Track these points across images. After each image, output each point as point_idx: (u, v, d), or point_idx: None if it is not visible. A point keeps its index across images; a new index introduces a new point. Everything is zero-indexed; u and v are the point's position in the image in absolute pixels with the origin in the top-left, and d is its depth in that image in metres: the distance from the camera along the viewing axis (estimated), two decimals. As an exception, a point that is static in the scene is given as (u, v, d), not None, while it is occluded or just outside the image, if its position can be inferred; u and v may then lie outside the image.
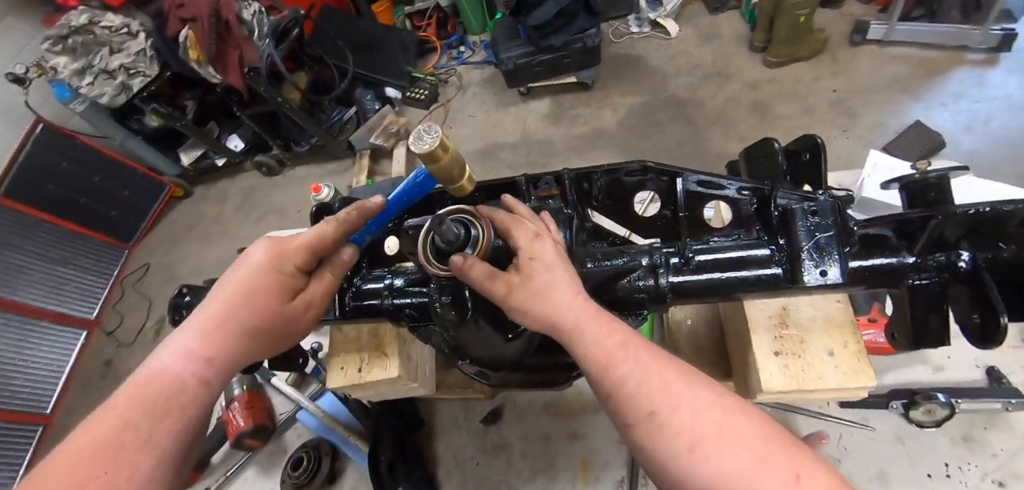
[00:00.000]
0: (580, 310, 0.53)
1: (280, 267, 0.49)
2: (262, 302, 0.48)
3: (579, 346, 0.51)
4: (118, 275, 3.41)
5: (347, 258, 0.56)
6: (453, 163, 0.53)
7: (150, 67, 2.73)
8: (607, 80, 3.33)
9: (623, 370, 0.48)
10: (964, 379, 0.90)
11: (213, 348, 0.46)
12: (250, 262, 0.49)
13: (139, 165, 3.48)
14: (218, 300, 0.48)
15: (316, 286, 0.53)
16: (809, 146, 0.73)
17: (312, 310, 0.53)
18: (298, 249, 0.51)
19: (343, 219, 0.54)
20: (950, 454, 0.85)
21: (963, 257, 0.64)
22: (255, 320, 0.48)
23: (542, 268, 0.54)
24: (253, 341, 0.49)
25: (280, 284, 0.49)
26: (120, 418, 0.41)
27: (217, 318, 0.47)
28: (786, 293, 0.69)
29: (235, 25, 2.54)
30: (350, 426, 1.19)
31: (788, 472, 0.39)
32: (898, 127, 2.53)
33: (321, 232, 0.53)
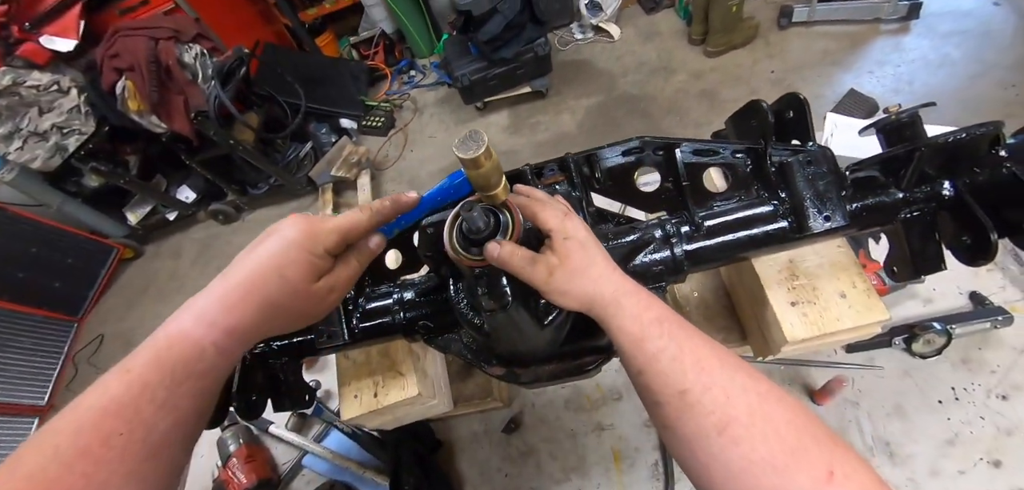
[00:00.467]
0: (618, 284, 0.52)
1: (312, 246, 0.49)
2: (290, 277, 0.47)
3: (616, 320, 0.51)
4: (69, 352, 3.12)
5: (375, 246, 0.56)
6: (493, 171, 0.53)
7: (86, 124, 2.55)
8: (561, 86, 3.42)
9: (658, 345, 0.47)
10: (952, 307, 0.98)
11: (235, 318, 0.45)
12: (283, 235, 0.48)
13: (81, 230, 3.22)
14: (245, 270, 0.47)
15: (342, 270, 0.53)
16: (792, 103, 0.77)
17: (334, 293, 0.52)
18: (331, 231, 0.51)
19: (377, 209, 0.54)
20: (954, 378, 0.92)
21: (945, 186, 0.69)
22: (281, 295, 0.47)
23: (578, 246, 0.53)
24: (274, 316, 0.48)
25: (309, 263, 0.49)
26: (138, 379, 0.40)
27: (242, 288, 0.46)
28: (793, 244, 0.72)
29: (177, 70, 2.42)
30: (364, 462, 1.13)
31: (821, 466, 0.38)
32: (834, 97, 2.73)
33: (354, 218, 0.53)
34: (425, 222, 0.62)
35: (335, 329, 0.76)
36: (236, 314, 0.45)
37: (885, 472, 0.85)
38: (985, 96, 2.49)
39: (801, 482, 0.38)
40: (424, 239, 0.64)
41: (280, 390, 0.79)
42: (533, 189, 0.66)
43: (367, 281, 0.83)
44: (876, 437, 0.89)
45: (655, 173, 0.79)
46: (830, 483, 0.37)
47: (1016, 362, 0.90)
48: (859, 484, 0.37)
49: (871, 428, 0.90)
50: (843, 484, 0.37)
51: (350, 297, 0.79)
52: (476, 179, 0.53)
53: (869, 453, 0.88)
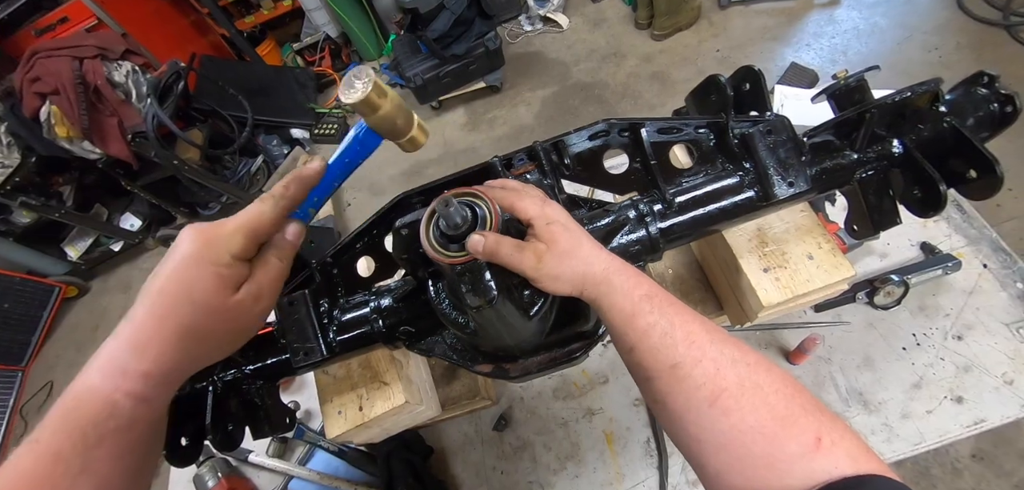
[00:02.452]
0: (607, 262, 0.52)
1: (214, 256, 0.43)
2: (200, 298, 0.42)
3: (608, 298, 0.51)
4: (15, 404, 2.87)
5: (293, 237, 0.51)
6: (395, 111, 0.49)
7: (9, 156, 2.33)
8: (515, 80, 3.41)
9: (648, 320, 0.47)
10: (906, 258, 1.04)
11: (149, 361, 0.40)
12: (179, 254, 0.43)
13: (16, 272, 2.96)
14: (148, 304, 0.41)
15: (262, 273, 0.47)
16: (748, 76, 0.79)
17: (261, 301, 0.47)
18: (233, 233, 0.45)
19: (280, 194, 0.48)
20: (914, 325, 0.98)
21: (894, 144, 0.73)
22: (195, 319, 0.42)
23: (562, 229, 0.53)
24: (197, 344, 0.43)
25: (217, 275, 0.43)
26: (47, 449, 0.37)
27: (150, 323, 0.41)
28: (761, 212, 0.75)
29: (107, 90, 2.25)
30: (354, 479, 1.10)
31: (810, 434, 0.38)
32: (778, 71, 2.86)
33: (257, 211, 0.47)
34: (399, 224, 0.60)
35: (311, 345, 0.72)
36: (150, 355, 0.40)
37: (860, 420, 0.90)
38: (912, 59, 2.67)
39: (791, 449, 0.39)
40: (398, 242, 0.61)
41: (258, 416, 0.75)
42: (506, 179, 0.65)
43: (340, 292, 0.80)
44: (850, 389, 0.94)
45: (623, 155, 0.79)
46: (818, 449, 0.38)
47: (966, 303, 0.97)
48: (845, 450, 0.38)
49: (845, 381, 0.95)
50: (830, 450, 0.38)
51: (324, 310, 0.76)
52: (378, 125, 0.49)
53: (845, 405, 0.93)
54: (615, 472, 0.96)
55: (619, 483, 0.95)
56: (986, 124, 0.69)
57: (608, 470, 0.97)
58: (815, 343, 0.91)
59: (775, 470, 0.38)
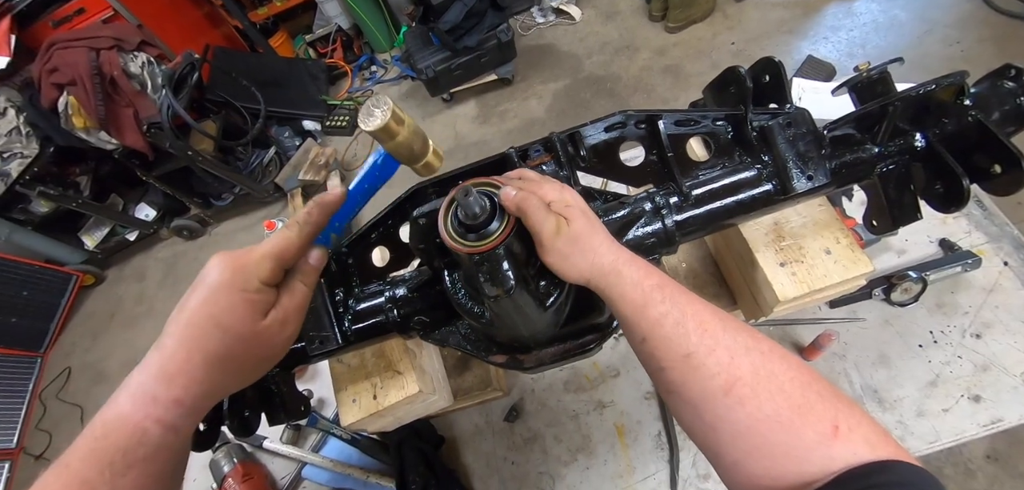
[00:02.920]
0: (618, 252, 0.52)
1: (244, 283, 0.44)
2: (230, 325, 0.43)
3: (617, 288, 0.51)
4: (35, 389, 2.94)
5: (316, 262, 0.52)
6: (412, 136, 0.49)
7: (28, 146, 2.38)
8: (526, 72, 3.39)
9: (661, 310, 0.47)
10: (924, 255, 1.02)
11: (179, 389, 0.41)
12: (208, 283, 0.43)
13: (35, 260, 3.02)
14: (178, 332, 0.42)
15: (288, 299, 0.48)
16: (767, 67, 0.78)
17: (288, 326, 0.48)
18: (262, 259, 0.46)
19: (304, 220, 0.49)
20: (931, 322, 0.96)
21: (917, 138, 0.72)
22: (225, 347, 0.43)
23: (579, 213, 0.53)
24: (225, 371, 0.44)
25: (247, 302, 0.44)
26: (76, 476, 0.37)
27: (180, 353, 0.42)
28: (779, 206, 0.74)
29: (123, 81, 2.28)
30: (367, 467, 1.11)
31: (827, 421, 0.38)
32: (794, 64, 2.81)
33: (284, 238, 0.48)
34: (416, 213, 0.60)
35: (326, 334, 0.73)
36: (179, 384, 0.41)
37: (875, 417, 0.88)
38: (933, 53, 2.61)
39: (808, 437, 0.38)
40: (416, 231, 0.62)
41: (274, 403, 0.77)
42: (525, 170, 0.65)
43: (355, 282, 0.81)
44: (864, 386, 0.93)
45: (639, 147, 0.79)
46: (836, 437, 0.37)
47: (986, 301, 0.95)
48: (863, 436, 0.37)
49: (859, 378, 0.94)
50: (848, 437, 0.37)
51: (339, 299, 0.77)
52: (396, 150, 0.50)
53: (859, 401, 0.92)
54: (626, 465, 0.96)
55: (630, 476, 0.95)
56: (1012, 118, 0.68)
57: (619, 463, 0.97)
58: (830, 339, 0.90)
59: (793, 458, 0.38)
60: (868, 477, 0.34)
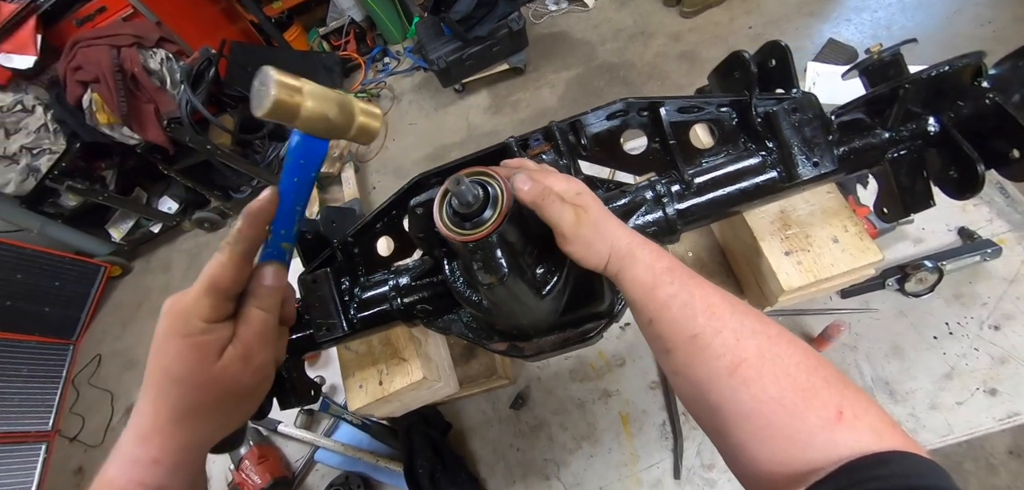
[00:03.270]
0: (631, 236, 0.53)
1: (184, 327, 0.41)
2: (182, 375, 0.41)
3: (631, 271, 0.51)
4: (68, 375, 3.08)
5: (271, 281, 0.47)
6: (321, 104, 0.42)
7: (56, 142, 2.47)
8: (538, 61, 3.37)
9: (669, 292, 0.48)
10: (942, 244, 0.99)
11: (154, 449, 0.40)
12: (157, 334, 0.42)
13: (65, 252, 3.15)
14: (145, 391, 0.42)
15: (244, 330, 0.44)
16: (774, 52, 0.77)
17: (252, 359, 0.44)
18: (197, 297, 0.42)
19: (234, 239, 0.44)
20: (947, 313, 0.93)
21: (930, 122, 0.69)
22: (186, 399, 0.41)
23: (592, 200, 0.54)
24: (197, 421, 0.42)
25: (194, 346, 0.41)
26: None
27: (148, 412, 0.41)
28: (784, 193, 0.73)
29: (144, 77, 2.34)
30: (376, 451, 1.14)
31: (832, 406, 0.38)
32: (814, 48, 2.73)
33: (216, 263, 0.43)
34: (413, 202, 0.61)
35: (333, 321, 0.75)
36: (154, 444, 0.40)
37: (886, 409, 0.87)
38: (962, 33, 2.50)
39: (812, 421, 0.38)
40: (414, 221, 0.63)
41: (285, 388, 0.79)
42: (524, 160, 0.66)
43: (361, 271, 0.82)
44: (876, 378, 0.91)
45: (642, 135, 0.78)
46: (840, 422, 0.37)
47: (1006, 292, 0.92)
48: (868, 424, 0.37)
49: (870, 370, 0.92)
50: (853, 423, 0.37)
51: (346, 287, 0.78)
52: (310, 127, 0.43)
53: (870, 393, 0.90)
54: (630, 453, 0.97)
55: (634, 464, 0.96)
56: (1035, 101, 0.65)
57: (623, 451, 0.97)
58: (839, 330, 0.89)
59: (796, 442, 0.38)
60: (874, 468, 0.34)
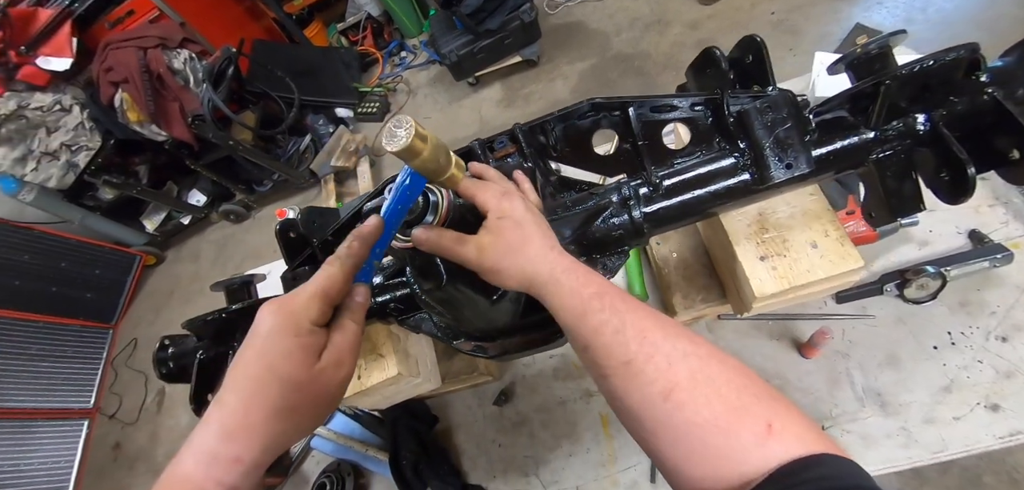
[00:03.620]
0: (554, 262, 0.52)
1: (296, 327, 0.43)
2: (288, 373, 0.42)
3: (555, 298, 0.51)
4: (107, 357, 3.29)
5: (363, 299, 0.50)
6: (436, 151, 0.49)
7: (92, 139, 2.62)
8: (552, 52, 3.32)
9: (600, 319, 0.47)
10: (950, 248, 0.92)
11: (239, 446, 0.41)
12: (261, 333, 0.43)
13: (104, 242, 3.35)
14: (236, 387, 0.42)
15: (339, 337, 0.47)
16: (749, 47, 0.73)
17: (343, 367, 0.46)
18: (310, 301, 0.45)
19: (346, 254, 0.48)
20: (951, 322, 0.88)
21: (919, 120, 0.65)
22: (285, 396, 0.42)
23: (512, 225, 0.53)
24: (286, 422, 0.43)
25: (301, 346, 0.43)
26: None
27: (239, 409, 0.42)
28: (758, 197, 0.70)
29: (168, 77, 2.45)
30: (367, 441, 1.18)
31: (762, 422, 0.39)
32: (841, 33, 2.58)
33: (329, 275, 0.47)
34: (366, 208, 0.62)
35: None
36: (240, 441, 0.41)
37: (875, 422, 0.83)
38: (1006, 15, 2.31)
39: (745, 439, 0.38)
40: None
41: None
42: (485, 168, 0.66)
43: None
44: (867, 388, 0.87)
45: (614, 135, 0.76)
46: (770, 435, 0.38)
47: (1017, 301, 0.85)
48: (794, 434, 0.38)
49: (862, 379, 0.87)
50: (781, 434, 0.38)
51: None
52: (422, 167, 0.50)
53: (859, 404, 0.86)
54: (609, 454, 0.96)
55: (612, 465, 0.95)
56: (1043, 96, 0.60)
57: (602, 451, 0.97)
58: (825, 337, 0.85)
59: (732, 460, 0.38)
60: (797, 474, 0.35)
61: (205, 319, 0.78)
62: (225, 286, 0.87)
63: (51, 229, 3.11)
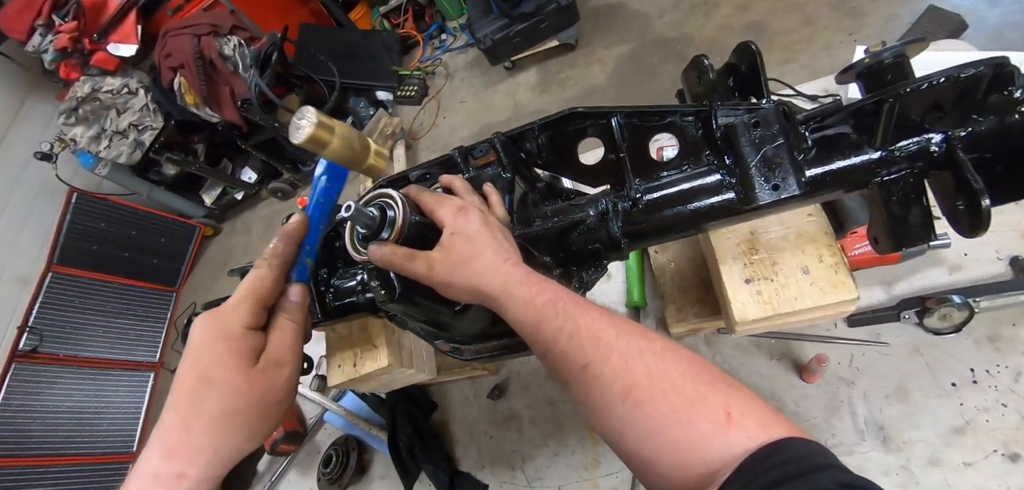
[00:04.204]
0: (507, 274, 0.52)
1: (226, 333, 0.44)
2: (222, 379, 0.42)
3: (509, 310, 0.51)
4: (171, 317, 3.65)
5: (298, 297, 0.51)
6: (348, 140, 0.49)
7: (155, 120, 2.86)
8: (591, 36, 3.22)
9: (554, 326, 0.47)
10: (985, 275, 0.83)
11: (181, 462, 0.40)
12: (194, 344, 0.44)
13: (168, 213, 3.68)
14: (173, 404, 0.42)
15: (277, 338, 0.47)
16: (744, 55, 0.68)
17: (284, 367, 0.46)
18: (239, 304, 0.45)
19: (271, 254, 0.49)
20: (975, 357, 0.80)
21: (934, 140, 0.59)
22: (222, 404, 0.42)
23: (463, 240, 0.54)
24: (229, 430, 0.43)
25: (233, 350, 0.43)
26: None
27: (177, 424, 0.41)
28: (745, 217, 0.66)
29: (219, 62, 2.61)
30: (371, 420, 1.25)
31: (720, 410, 0.39)
32: (912, 16, 2.32)
33: (256, 277, 0.48)
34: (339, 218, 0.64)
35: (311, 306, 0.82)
36: (181, 457, 0.41)
37: (874, 457, 0.78)
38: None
39: (704, 429, 0.39)
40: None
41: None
42: (454, 179, 0.67)
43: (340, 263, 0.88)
44: (870, 420, 0.80)
45: (600, 145, 0.74)
46: (730, 423, 0.38)
47: (1059, 341, 0.76)
48: (756, 419, 0.38)
49: (865, 410, 0.81)
50: (741, 422, 0.38)
51: (324, 278, 0.84)
52: (334, 157, 0.49)
53: (859, 437, 0.80)
54: (592, 457, 0.96)
55: (594, 469, 0.95)
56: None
57: (586, 454, 0.97)
58: (822, 364, 0.79)
59: (694, 451, 0.39)
60: (769, 458, 0.35)
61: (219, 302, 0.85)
62: (240, 272, 0.94)
63: (123, 200, 3.45)
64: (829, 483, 0.32)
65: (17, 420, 2.81)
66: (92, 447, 3.04)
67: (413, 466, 1.13)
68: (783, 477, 0.33)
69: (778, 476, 0.33)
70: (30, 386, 2.89)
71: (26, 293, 3.05)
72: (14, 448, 2.76)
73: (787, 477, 0.33)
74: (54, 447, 2.89)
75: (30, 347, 2.88)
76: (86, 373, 3.13)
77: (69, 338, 3.10)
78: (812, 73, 2.51)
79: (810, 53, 2.53)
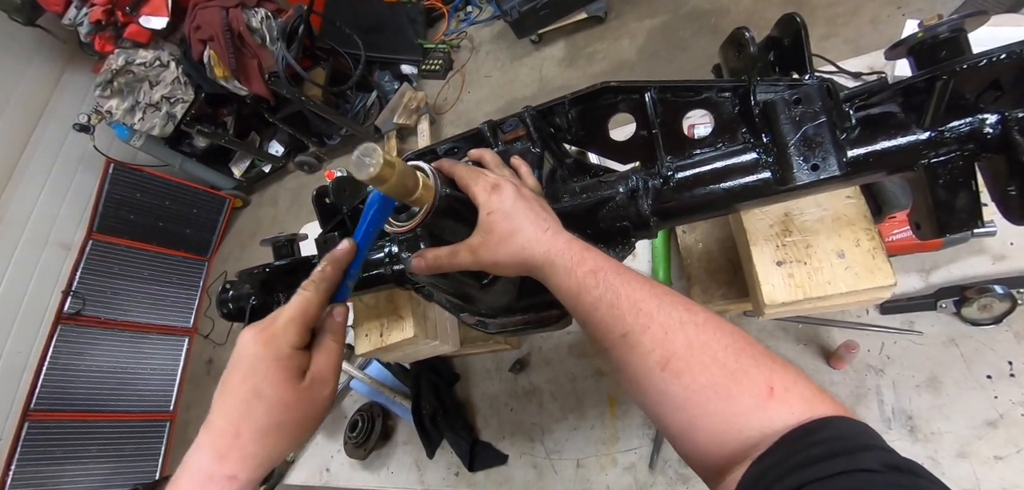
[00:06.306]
0: (548, 244, 0.53)
1: (276, 351, 0.47)
2: (272, 395, 0.46)
3: (552, 279, 0.52)
4: (203, 285, 3.80)
5: (341, 319, 0.54)
6: (403, 177, 0.51)
7: (186, 93, 2.93)
8: (621, 8, 3.12)
9: (595, 295, 0.48)
10: (1032, 266, 0.79)
11: (233, 465, 0.44)
12: (245, 359, 0.47)
13: (200, 184, 3.80)
14: (225, 411, 0.46)
15: (321, 357, 0.50)
16: (788, 27, 0.66)
17: (326, 385, 0.50)
18: (288, 325, 0.48)
19: (320, 278, 0.51)
20: (1014, 350, 0.76)
21: (989, 121, 0.56)
22: (271, 416, 0.46)
23: (501, 217, 0.54)
24: (276, 438, 0.47)
25: (283, 368, 0.47)
26: None
27: (229, 430, 0.45)
28: (781, 197, 0.64)
29: (247, 35, 2.65)
30: (396, 388, 1.29)
31: (762, 384, 0.39)
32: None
33: (304, 299, 0.50)
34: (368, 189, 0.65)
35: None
36: (232, 460, 0.44)
37: (903, 446, 0.76)
38: None
39: (745, 403, 0.39)
40: None
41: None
42: (484, 153, 0.68)
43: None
44: (897, 409, 0.79)
45: (632, 120, 0.73)
46: (771, 398, 0.38)
47: (1110, 339, 0.72)
48: (799, 395, 0.38)
49: (893, 399, 0.80)
50: (784, 396, 0.38)
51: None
52: (389, 193, 0.51)
53: (885, 425, 0.78)
54: (611, 433, 0.97)
55: (613, 444, 0.96)
56: None
57: (606, 430, 0.98)
58: (851, 351, 0.77)
59: (733, 424, 0.39)
60: (810, 435, 0.35)
61: (252, 271, 0.88)
62: (272, 242, 0.97)
63: (157, 171, 3.58)
64: (874, 463, 0.31)
65: (64, 378, 3.00)
66: (132, 405, 3.25)
67: (436, 434, 1.16)
68: (827, 453, 0.33)
69: (821, 452, 0.33)
70: (74, 347, 3.07)
71: (69, 259, 3.21)
72: (61, 404, 2.96)
73: (831, 454, 0.32)
74: (97, 404, 3.09)
75: (74, 310, 3.05)
76: (126, 336, 3.31)
77: (110, 302, 3.28)
78: (856, 49, 2.40)
79: (855, 27, 2.41)
